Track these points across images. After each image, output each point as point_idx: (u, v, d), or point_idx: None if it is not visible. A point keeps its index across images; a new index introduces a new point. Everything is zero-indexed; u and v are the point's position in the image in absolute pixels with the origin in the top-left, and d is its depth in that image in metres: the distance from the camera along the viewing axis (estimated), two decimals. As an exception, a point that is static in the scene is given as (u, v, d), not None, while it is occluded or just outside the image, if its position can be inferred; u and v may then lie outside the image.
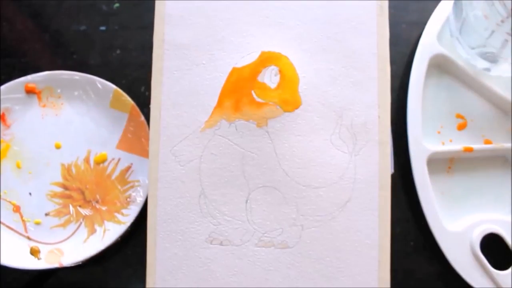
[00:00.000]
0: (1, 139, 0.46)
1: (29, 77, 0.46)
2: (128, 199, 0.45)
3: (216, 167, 0.37)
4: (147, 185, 0.44)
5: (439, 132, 0.45)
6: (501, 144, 0.44)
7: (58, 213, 0.45)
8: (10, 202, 0.46)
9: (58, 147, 0.46)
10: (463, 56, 0.44)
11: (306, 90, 0.37)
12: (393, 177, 0.38)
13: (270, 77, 0.37)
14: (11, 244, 0.44)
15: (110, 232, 0.44)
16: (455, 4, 0.43)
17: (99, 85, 0.46)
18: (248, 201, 0.37)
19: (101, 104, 0.46)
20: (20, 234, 0.45)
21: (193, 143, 0.38)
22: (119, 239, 0.44)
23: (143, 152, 0.45)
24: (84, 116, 0.47)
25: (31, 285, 0.45)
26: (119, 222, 0.44)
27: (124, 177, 0.46)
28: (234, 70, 0.38)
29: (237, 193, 0.37)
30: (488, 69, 0.43)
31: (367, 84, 0.37)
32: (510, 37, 0.38)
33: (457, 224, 0.43)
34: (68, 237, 0.45)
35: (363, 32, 0.38)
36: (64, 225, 0.45)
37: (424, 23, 0.45)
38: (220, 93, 0.38)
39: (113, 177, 0.46)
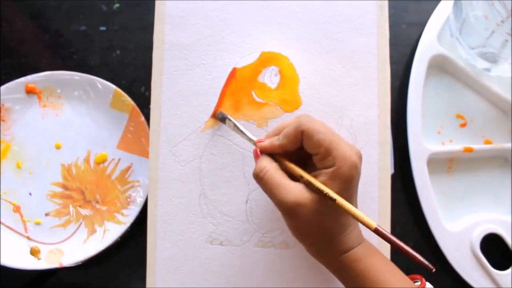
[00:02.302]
0: (1, 139, 0.46)
1: (29, 77, 0.46)
2: (128, 199, 0.45)
3: (216, 167, 0.37)
4: (147, 185, 0.44)
5: (439, 132, 0.45)
6: (501, 144, 0.44)
7: (58, 213, 0.45)
8: (10, 202, 0.46)
9: (58, 147, 0.46)
10: (463, 56, 0.44)
11: (306, 90, 0.37)
12: (393, 177, 0.38)
13: (270, 77, 0.37)
14: (11, 244, 0.44)
15: (110, 232, 0.44)
16: (455, 4, 0.42)
17: (99, 85, 0.46)
18: (248, 201, 0.37)
19: (101, 104, 0.46)
20: (20, 234, 0.45)
21: (193, 143, 0.38)
22: (119, 239, 0.44)
23: (143, 152, 0.45)
24: (84, 116, 0.47)
25: (31, 285, 0.45)
26: (119, 222, 0.44)
27: (124, 177, 0.46)
28: (234, 70, 0.38)
29: (237, 193, 0.37)
30: (488, 69, 0.43)
31: (367, 84, 0.37)
32: (510, 37, 0.38)
33: (457, 224, 0.43)
34: (68, 237, 0.45)
35: (363, 32, 0.38)
36: (64, 225, 0.45)
37: (424, 23, 0.45)
38: (220, 93, 0.38)
39: (113, 177, 0.46)
